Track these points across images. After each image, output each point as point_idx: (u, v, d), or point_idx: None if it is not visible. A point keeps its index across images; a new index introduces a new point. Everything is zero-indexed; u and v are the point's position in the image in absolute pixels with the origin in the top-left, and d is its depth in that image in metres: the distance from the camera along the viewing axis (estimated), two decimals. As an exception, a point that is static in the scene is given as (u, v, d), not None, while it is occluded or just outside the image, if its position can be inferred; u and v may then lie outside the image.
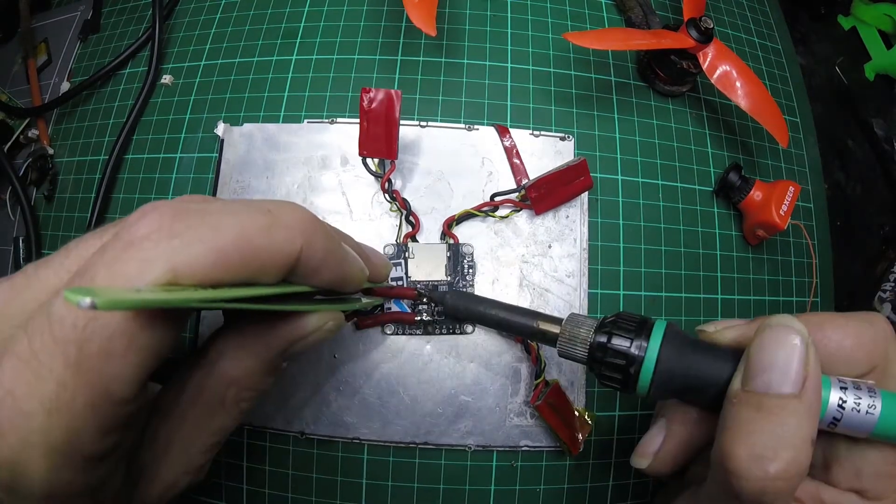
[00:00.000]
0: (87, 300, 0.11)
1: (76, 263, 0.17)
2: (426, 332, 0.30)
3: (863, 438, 0.18)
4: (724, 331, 0.21)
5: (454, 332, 0.30)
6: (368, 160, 0.30)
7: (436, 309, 0.29)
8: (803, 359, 0.17)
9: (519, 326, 0.25)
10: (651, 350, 0.20)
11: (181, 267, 0.15)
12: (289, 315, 0.20)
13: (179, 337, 0.17)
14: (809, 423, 0.17)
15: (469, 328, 0.30)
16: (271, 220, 0.17)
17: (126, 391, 0.15)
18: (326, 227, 0.19)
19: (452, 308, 0.27)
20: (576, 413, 0.29)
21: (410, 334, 0.30)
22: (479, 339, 0.30)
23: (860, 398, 0.18)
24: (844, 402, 0.18)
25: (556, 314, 0.26)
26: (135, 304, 0.12)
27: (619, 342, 0.20)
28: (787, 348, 0.17)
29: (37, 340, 0.14)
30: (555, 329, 0.23)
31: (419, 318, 0.29)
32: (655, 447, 0.22)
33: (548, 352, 0.30)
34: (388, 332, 0.30)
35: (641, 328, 0.21)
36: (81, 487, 0.16)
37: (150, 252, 0.15)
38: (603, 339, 0.21)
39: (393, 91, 0.28)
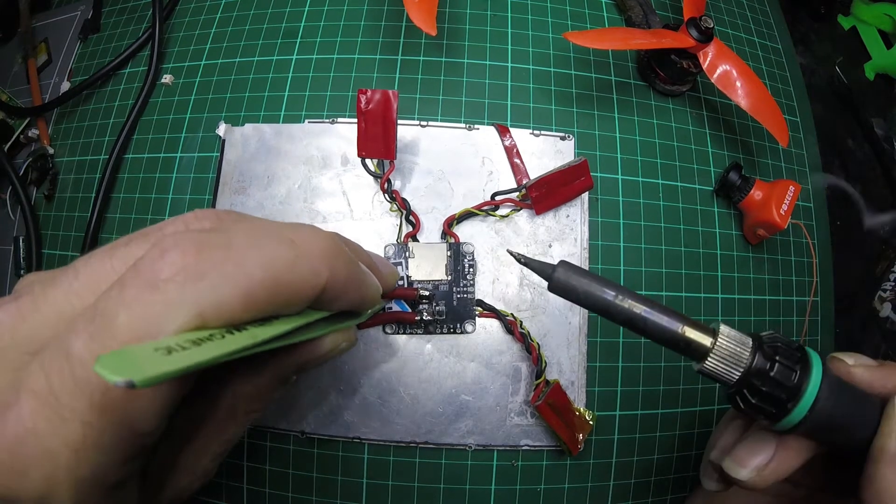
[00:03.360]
0: (123, 380, 0.10)
1: (87, 287, 0.16)
2: (427, 332, 0.30)
3: None
4: (859, 367, 0.20)
5: (455, 332, 0.30)
6: (367, 160, 0.30)
7: (436, 308, 0.30)
8: None
9: (657, 328, 0.19)
10: (811, 388, 0.18)
11: (209, 310, 0.14)
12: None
13: (203, 370, 0.17)
14: None
15: (469, 327, 0.30)
16: (296, 251, 0.16)
17: (152, 425, 0.15)
18: (346, 250, 0.19)
19: (563, 286, 0.20)
20: (576, 413, 0.29)
21: (411, 334, 0.30)
22: (480, 339, 0.30)
23: None
24: None
25: (557, 313, 0.25)
26: (174, 374, 0.12)
27: (784, 374, 0.18)
28: None
29: (55, 379, 0.14)
30: (706, 341, 0.19)
31: (419, 317, 0.29)
32: (761, 462, 0.21)
33: (548, 351, 0.30)
34: (389, 332, 0.30)
35: (801, 359, 0.19)
36: None
37: (175, 295, 0.14)
38: (765, 365, 0.19)
39: (390, 91, 0.28)
